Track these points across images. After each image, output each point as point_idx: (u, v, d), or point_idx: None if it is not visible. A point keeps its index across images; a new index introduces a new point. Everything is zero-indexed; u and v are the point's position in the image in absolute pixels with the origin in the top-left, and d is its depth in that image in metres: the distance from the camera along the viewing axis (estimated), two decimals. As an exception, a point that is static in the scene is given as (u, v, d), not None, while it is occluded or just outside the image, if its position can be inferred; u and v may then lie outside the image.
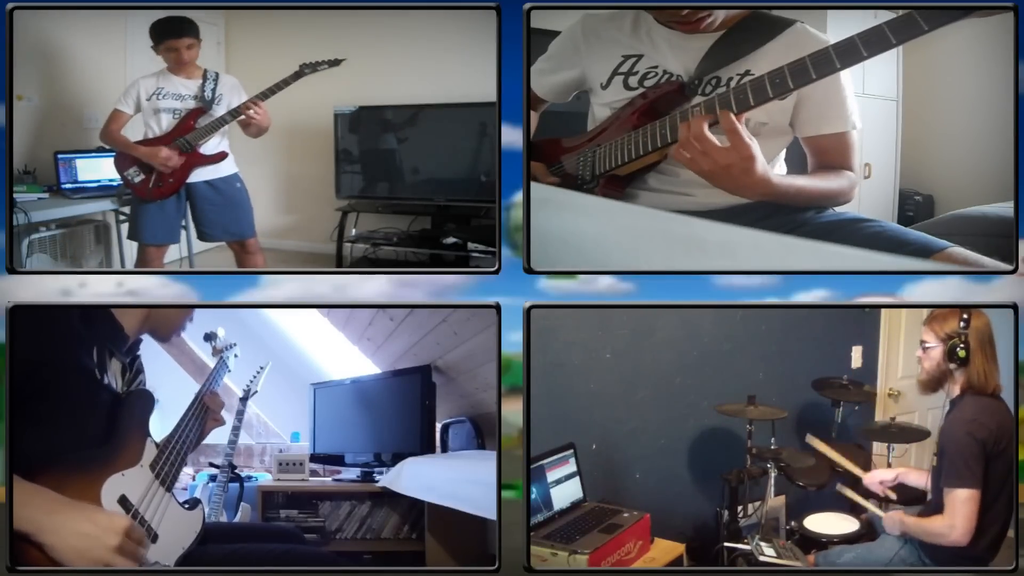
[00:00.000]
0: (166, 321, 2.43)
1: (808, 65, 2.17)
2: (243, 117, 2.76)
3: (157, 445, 2.32)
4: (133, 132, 2.80)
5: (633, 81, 2.43)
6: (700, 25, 2.35)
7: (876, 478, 2.57)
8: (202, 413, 2.50)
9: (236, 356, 2.69)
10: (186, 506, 2.36)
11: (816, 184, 2.36)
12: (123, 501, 2.20)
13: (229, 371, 2.68)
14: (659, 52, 2.41)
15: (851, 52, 2.12)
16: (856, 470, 2.59)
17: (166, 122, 2.79)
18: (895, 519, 2.43)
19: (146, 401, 2.35)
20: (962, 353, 2.35)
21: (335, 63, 2.73)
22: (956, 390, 2.39)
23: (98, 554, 2.12)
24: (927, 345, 2.41)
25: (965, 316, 2.35)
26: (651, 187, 2.44)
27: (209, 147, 2.80)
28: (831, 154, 2.38)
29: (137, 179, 2.77)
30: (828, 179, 2.37)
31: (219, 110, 2.79)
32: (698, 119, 2.27)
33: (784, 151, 2.42)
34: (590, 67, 2.47)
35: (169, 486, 2.31)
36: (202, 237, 2.84)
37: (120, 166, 2.79)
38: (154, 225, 2.79)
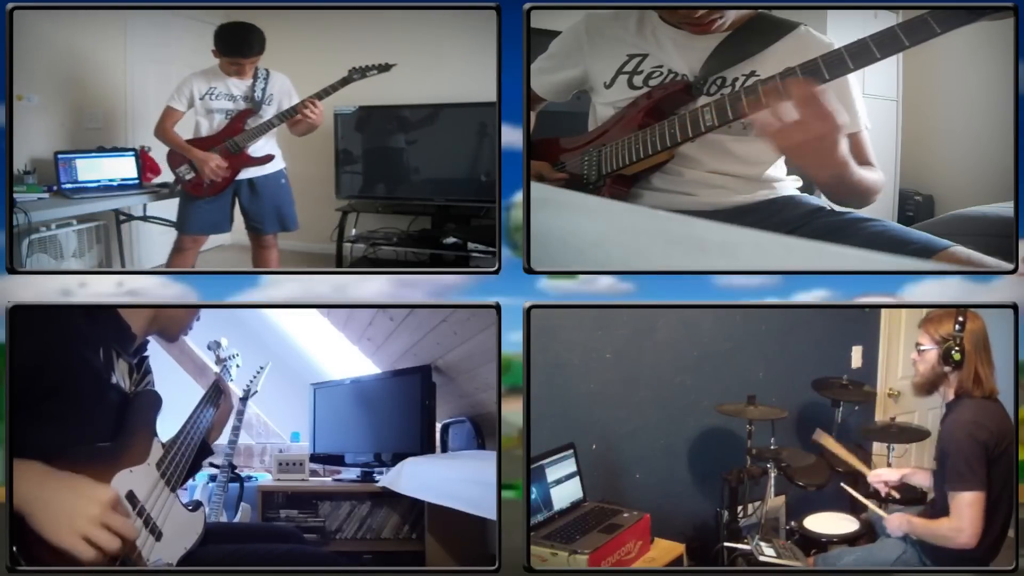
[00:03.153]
0: (174, 321, 2.44)
1: (820, 65, 2.17)
2: (293, 117, 2.81)
3: (163, 445, 2.33)
4: (183, 128, 2.85)
5: (638, 80, 2.43)
6: (711, 26, 2.36)
7: (881, 477, 2.55)
8: (212, 403, 2.53)
9: (238, 366, 2.70)
10: (189, 507, 2.37)
11: (867, 176, 2.33)
12: (130, 497, 2.20)
13: (232, 380, 2.69)
14: (664, 52, 2.41)
15: (864, 53, 2.12)
16: (861, 467, 2.58)
17: (217, 122, 2.84)
18: (900, 520, 2.41)
19: (154, 401, 2.35)
20: (957, 356, 2.35)
21: (385, 68, 2.75)
22: (951, 393, 2.39)
23: (80, 524, 2.09)
24: (922, 347, 2.40)
25: (960, 319, 2.34)
26: (655, 187, 2.44)
27: (256, 148, 2.85)
28: (853, 153, 2.37)
29: (188, 176, 2.83)
30: (872, 172, 2.35)
31: (269, 109, 2.83)
32: (806, 83, 2.16)
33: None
34: (593, 66, 2.47)
35: (174, 487, 2.32)
36: (250, 228, 2.89)
37: (172, 163, 2.85)
38: (203, 217, 2.85)
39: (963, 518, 2.28)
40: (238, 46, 2.74)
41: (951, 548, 2.31)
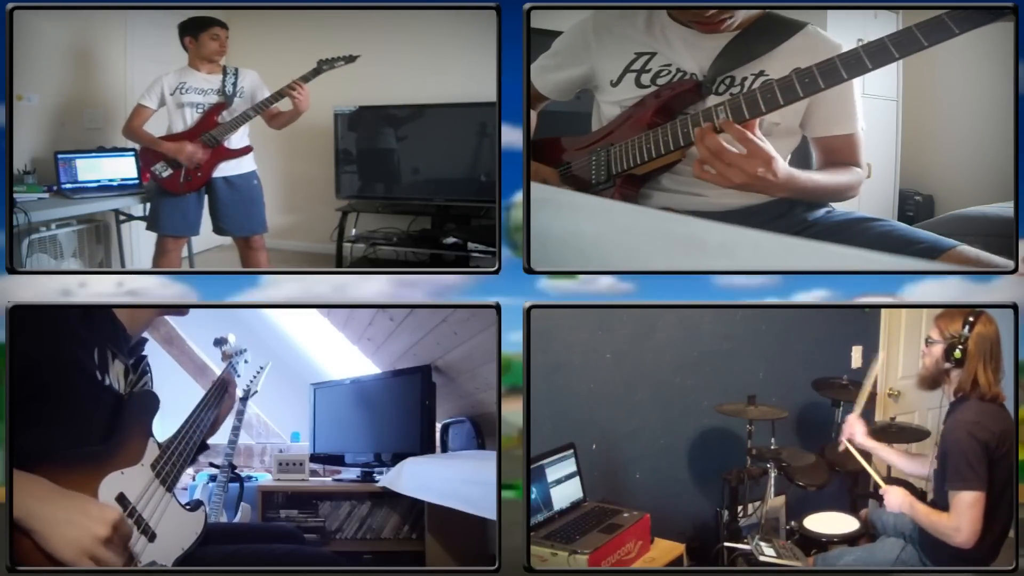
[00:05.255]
0: None
1: (839, 66, 2.17)
2: (267, 109, 2.79)
3: (159, 445, 2.32)
4: (156, 127, 2.83)
5: (646, 79, 2.42)
6: (721, 25, 2.35)
7: (851, 426, 2.55)
8: (216, 400, 2.53)
9: (246, 362, 2.70)
10: (188, 507, 2.35)
11: (831, 179, 2.39)
12: (121, 499, 2.19)
13: (238, 376, 2.69)
14: (673, 50, 2.40)
15: (882, 53, 2.12)
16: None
17: (190, 117, 2.83)
18: (901, 497, 2.39)
19: (149, 402, 2.34)
20: (958, 355, 2.35)
21: (351, 59, 2.75)
22: (952, 393, 2.39)
23: (85, 544, 2.08)
24: (931, 341, 2.41)
25: (971, 319, 2.34)
26: (664, 187, 2.44)
27: (234, 141, 2.83)
28: (841, 153, 2.40)
29: (165, 173, 2.81)
30: (840, 174, 2.39)
31: (240, 104, 2.82)
32: (709, 135, 2.27)
33: (791, 152, 2.41)
34: (600, 64, 2.46)
35: (170, 486, 2.30)
36: (217, 231, 2.87)
37: (146, 161, 2.83)
38: (174, 217, 2.83)
39: (962, 518, 2.28)
40: (209, 19, 2.72)
41: (949, 546, 2.31)
